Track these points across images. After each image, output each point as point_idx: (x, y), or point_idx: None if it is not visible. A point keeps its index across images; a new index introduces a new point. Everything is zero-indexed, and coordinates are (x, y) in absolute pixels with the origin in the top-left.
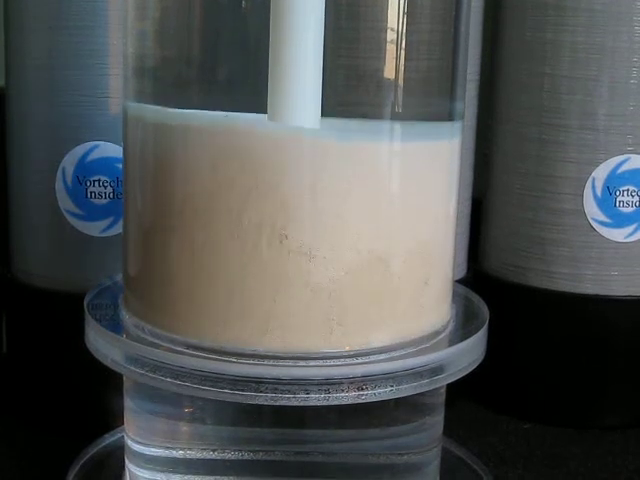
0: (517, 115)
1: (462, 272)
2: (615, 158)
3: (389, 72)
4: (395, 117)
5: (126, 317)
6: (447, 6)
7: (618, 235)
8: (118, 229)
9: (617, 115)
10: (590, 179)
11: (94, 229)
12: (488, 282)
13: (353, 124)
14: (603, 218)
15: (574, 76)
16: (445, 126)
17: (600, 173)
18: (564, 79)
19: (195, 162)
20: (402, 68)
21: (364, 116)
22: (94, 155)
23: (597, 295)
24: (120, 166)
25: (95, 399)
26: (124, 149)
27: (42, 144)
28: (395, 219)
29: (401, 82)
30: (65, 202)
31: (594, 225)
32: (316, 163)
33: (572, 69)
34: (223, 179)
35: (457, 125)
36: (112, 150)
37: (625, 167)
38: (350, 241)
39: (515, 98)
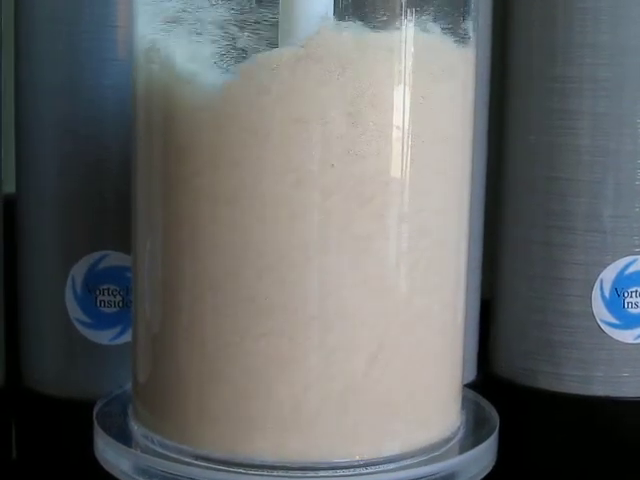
0: (523, 218)
1: (472, 375)
2: (622, 260)
3: None
4: None
5: (135, 427)
6: None
7: (628, 336)
8: (127, 337)
9: (623, 217)
10: (598, 281)
11: (103, 337)
12: (498, 385)
13: None
14: (612, 320)
15: (579, 179)
16: None
17: (608, 275)
18: (569, 182)
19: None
20: None
21: None
22: (104, 264)
23: (608, 397)
24: (129, 275)
25: None
26: (133, 254)
27: (52, 253)
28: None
29: None
30: (74, 311)
31: (603, 327)
32: None
33: (577, 172)
34: None
35: None
36: (121, 259)
37: (633, 268)
38: (361, 346)
39: (521, 201)
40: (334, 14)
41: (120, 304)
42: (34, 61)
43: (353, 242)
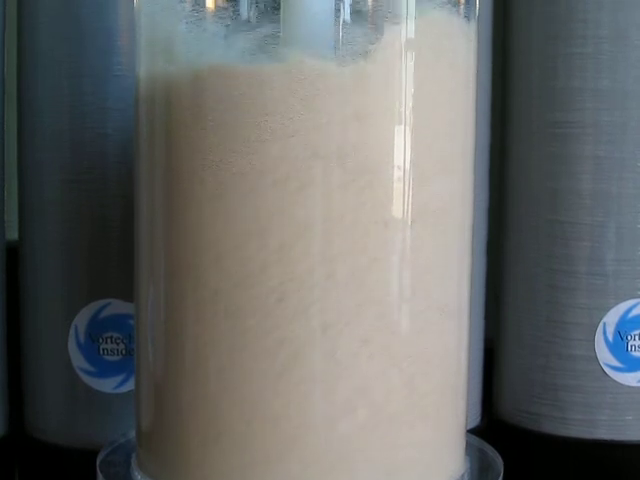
0: (526, 262)
1: (476, 420)
2: (625, 303)
3: None
4: None
5: (138, 477)
6: None
7: (631, 380)
8: (130, 386)
9: (625, 260)
10: (601, 324)
11: (106, 386)
12: (502, 429)
13: None
14: (615, 363)
15: (581, 222)
16: None
17: (611, 318)
18: (572, 225)
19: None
20: None
21: None
22: (106, 312)
23: (613, 441)
24: (132, 322)
25: None
26: (135, 301)
27: (54, 301)
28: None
29: None
30: (77, 359)
31: (607, 370)
32: None
33: (579, 216)
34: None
35: None
36: (124, 307)
37: (636, 311)
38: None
39: (524, 245)
40: None
41: (123, 352)
42: (36, 109)
43: (357, 308)
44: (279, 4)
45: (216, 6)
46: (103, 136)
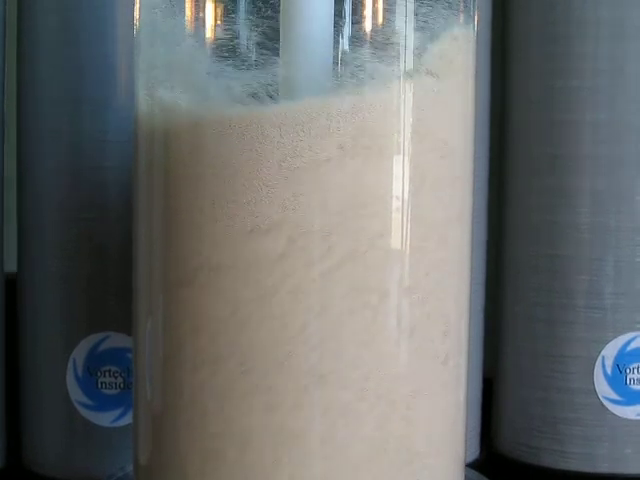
0: (525, 295)
1: (475, 453)
2: (623, 336)
3: None
4: None
5: None
6: None
7: (630, 413)
8: (129, 419)
9: (623, 293)
10: (600, 358)
11: (105, 419)
12: (501, 463)
13: None
14: (614, 396)
15: (580, 256)
16: None
17: (609, 351)
18: (570, 259)
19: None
20: None
21: None
22: (105, 345)
23: (612, 474)
24: (130, 356)
25: None
26: (133, 335)
27: (53, 334)
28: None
29: None
30: (76, 393)
31: (606, 404)
32: None
33: (577, 249)
34: None
35: None
36: (123, 340)
37: (634, 344)
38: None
39: (522, 278)
40: None
41: (121, 385)
42: (35, 142)
43: (353, 341)
44: (277, 52)
45: (216, 48)
46: (102, 169)
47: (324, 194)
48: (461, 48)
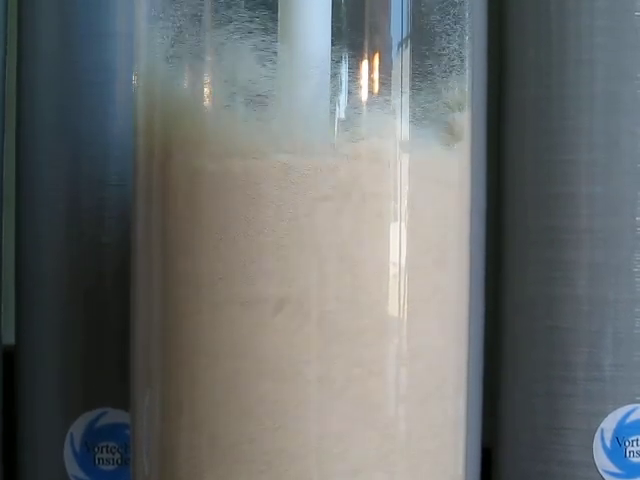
0: (524, 368)
1: None
2: (623, 408)
3: None
4: None
5: None
6: None
7: None
8: None
9: (622, 365)
10: (599, 430)
11: None
12: None
13: None
14: (614, 469)
15: (578, 328)
16: None
17: (608, 424)
18: (568, 331)
19: None
20: None
21: None
22: (102, 421)
23: None
24: (128, 432)
25: None
26: (131, 411)
27: (51, 409)
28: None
29: None
30: (73, 468)
31: (605, 477)
32: None
33: (576, 322)
34: None
35: None
36: (120, 416)
37: (634, 417)
38: None
39: (521, 351)
40: None
41: (119, 461)
42: (33, 213)
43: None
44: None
45: (214, 98)
46: (100, 244)
47: None
48: None
